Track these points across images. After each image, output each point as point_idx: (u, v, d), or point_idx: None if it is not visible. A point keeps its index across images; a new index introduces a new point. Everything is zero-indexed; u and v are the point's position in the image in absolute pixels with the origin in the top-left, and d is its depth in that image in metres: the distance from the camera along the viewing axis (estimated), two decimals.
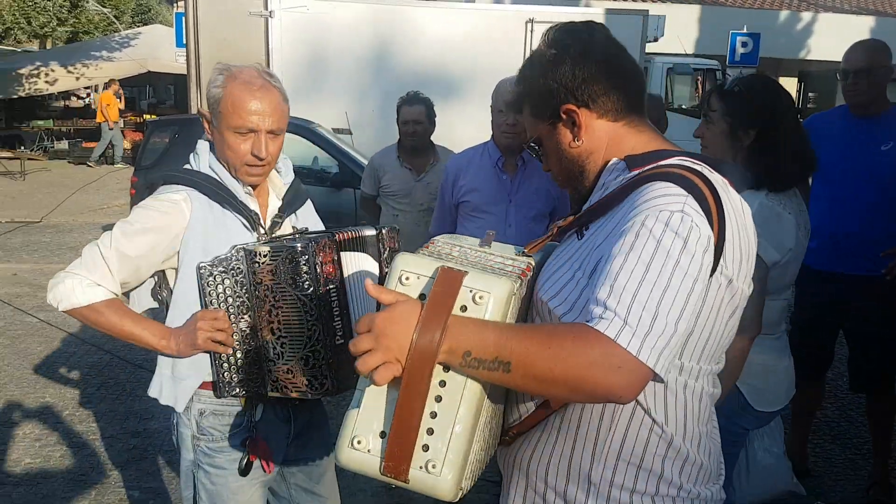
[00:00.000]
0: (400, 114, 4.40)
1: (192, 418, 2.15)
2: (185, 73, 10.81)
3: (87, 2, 29.58)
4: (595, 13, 11.78)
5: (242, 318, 2.06)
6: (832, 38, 17.57)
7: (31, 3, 27.32)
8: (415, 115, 4.34)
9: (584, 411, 1.39)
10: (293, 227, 2.26)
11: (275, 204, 2.23)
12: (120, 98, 18.36)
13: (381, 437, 1.27)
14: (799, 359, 3.92)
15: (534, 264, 1.48)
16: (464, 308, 1.26)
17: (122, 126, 18.83)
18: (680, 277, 1.21)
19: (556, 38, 1.49)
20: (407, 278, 1.30)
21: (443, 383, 1.26)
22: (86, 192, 14.03)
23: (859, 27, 17.95)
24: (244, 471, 2.13)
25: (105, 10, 29.62)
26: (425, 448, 1.26)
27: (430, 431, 1.26)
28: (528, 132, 1.57)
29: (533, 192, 3.38)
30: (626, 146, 1.46)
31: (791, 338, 3.98)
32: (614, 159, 1.46)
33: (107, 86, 18.42)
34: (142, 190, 7.82)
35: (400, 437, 1.23)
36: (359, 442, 1.28)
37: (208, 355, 2.09)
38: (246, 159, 2.04)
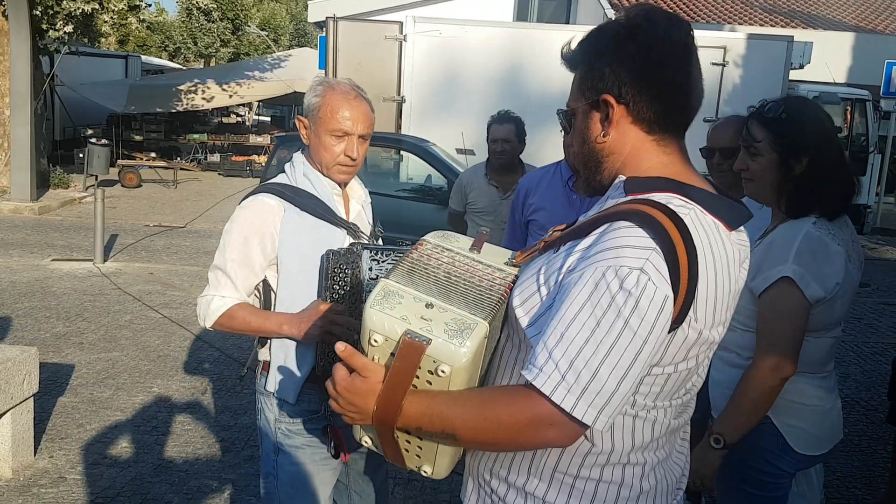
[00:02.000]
0: (490, 132, 4.46)
1: (274, 404, 2.36)
2: None
3: (249, 25, 31.50)
4: (737, 38, 11.41)
5: (355, 310, 2.22)
6: None
7: (197, 25, 29.46)
8: (504, 133, 4.38)
9: None
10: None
11: (356, 209, 2.48)
12: None
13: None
14: None
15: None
16: (429, 382, 1.34)
17: (269, 142, 19.87)
18: (628, 338, 1.21)
19: (634, 23, 1.39)
20: (376, 340, 1.36)
21: (417, 435, 1.40)
22: (230, 202, 14.87)
23: None
24: (335, 455, 2.32)
25: (263, 33, 31.42)
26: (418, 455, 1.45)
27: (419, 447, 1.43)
28: (569, 99, 1.51)
29: None
30: (643, 164, 1.42)
31: (891, 384, 3.75)
32: (621, 177, 1.42)
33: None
34: None
35: (389, 456, 1.47)
36: (365, 441, 1.51)
37: (313, 348, 2.28)
38: (339, 159, 2.31)
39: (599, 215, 1.34)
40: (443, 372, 1.31)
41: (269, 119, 26.16)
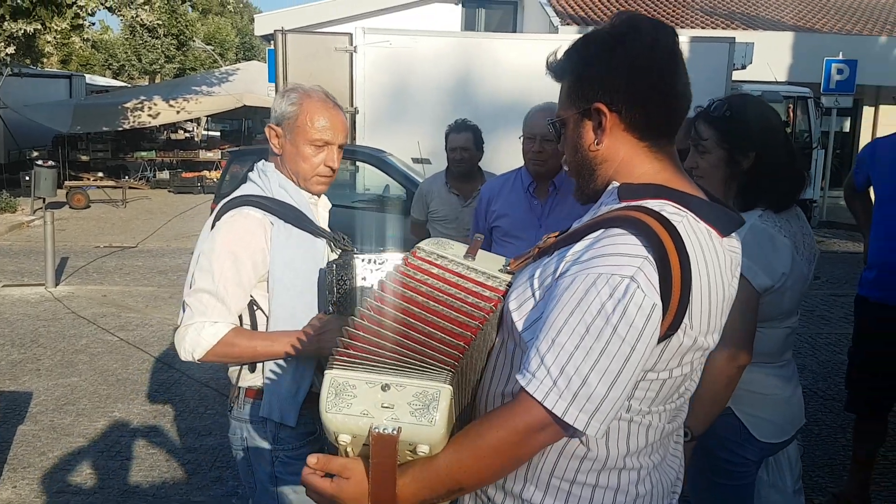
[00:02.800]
0: (448, 141, 4.48)
1: (269, 431, 2.20)
2: None
3: (194, 41, 31.14)
4: (679, 41, 11.54)
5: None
6: None
7: (141, 42, 29.03)
8: (462, 141, 4.41)
9: None
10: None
11: (324, 216, 2.38)
12: None
13: None
14: (856, 394, 3.80)
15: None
16: (411, 456, 1.30)
17: (219, 158, 19.68)
18: (616, 345, 1.22)
19: (620, 31, 1.40)
20: (344, 440, 1.30)
21: None
22: (181, 220, 14.69)
23: None
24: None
25: (209, 48, 31.09)
26: None
27: None
28: (559, 107, 1.50)
29: (564, 217, 3.37)
30: (636, 170, 1.42)
31: (847, 374, 3.86)
32: (615, 183, 1.42)
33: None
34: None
35: None
36: None
37: (311, 366, 2.16)
38: (319, 170, 2.23)
39: (593, 221, 1.34)
40: (423, 451, 1.29)
41: (218, 134, 25.90)
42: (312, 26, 16.93)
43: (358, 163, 8.62)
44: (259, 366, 2.18)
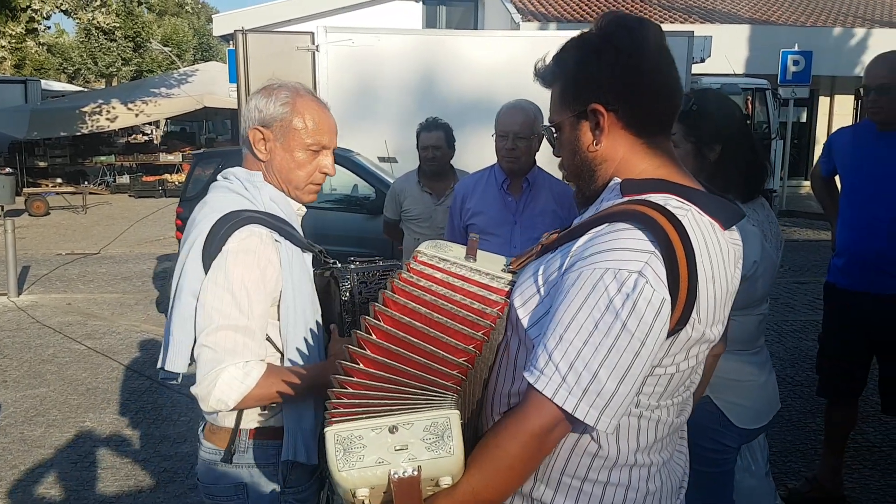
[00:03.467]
0: (419, 140, 4.48)
1: (279, 474, 1.98)
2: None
3: (150, 42, 30.71)
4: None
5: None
6: None
7: (97, 45, 28.55)
8: (433, 140, 4.41)
9: None
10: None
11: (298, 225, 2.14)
12: None
13: None
14: (827, 382, 3.87)
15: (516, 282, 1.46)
16: (434, 490, 1.29)
17: (180, 160, 19.46)
18: (626, 340, 1.22)
19: (609, 31, 1.41)
20: (363, 494, 1.25)
21: None
22: (143, 225, 14.49)
23: None
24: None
25: (167, 49, 30.70)
26: None
27: None
28: (551, 112, 1.50)
29: (538, 214, 3.40)
30: (637, 167, 1.42)
31: (818, 360, 3.93)
32: (616, 179, 1.43)
33: None
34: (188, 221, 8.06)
35: None
36: None
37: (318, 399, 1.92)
38: (314, 178, 2.02)
39: (597, 216, 1.34)
40: (446, 483, 1.28)
41: (178, 136, 25.58)
42: (272, 25, 16.80)
43: None
44: (274, 404, 1.93)
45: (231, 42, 16.56)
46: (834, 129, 18.36)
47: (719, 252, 1.35)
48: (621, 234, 1.27)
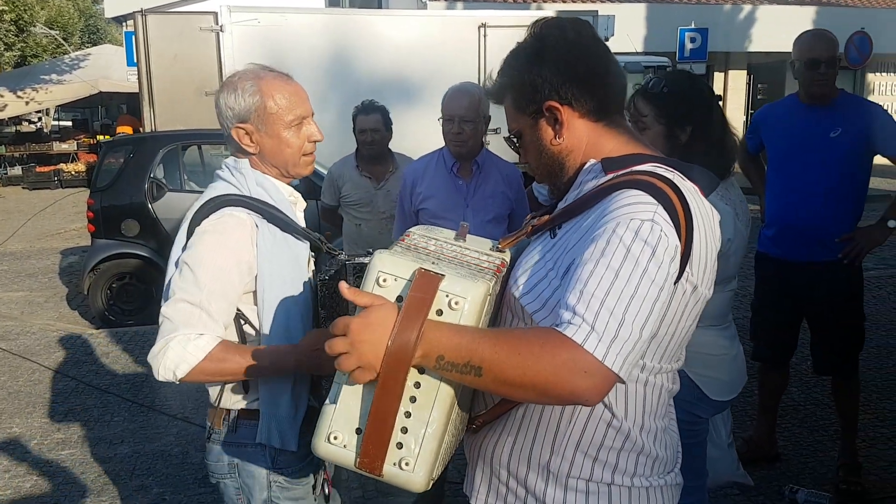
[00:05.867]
0: (356, 123, 4.42)
1: (267, 455, 2.03)
2: (138, 91, 10.74)
3: (35, 25, 29.08)
4: (546, 15, 11.80)
5: None
6: (777, 28, 17.93)
7: None
8: (371, 123, 4.37)
9: (546, 406, 1.44)
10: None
11: (300, 217, 2.18)
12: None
13: (357, 434, 1.31)
14: (761, 347, 4.06)
15: (508, 260, 1.52)
16: (440, 312, 1.29)
17: (75, 149, 18.60)
18: (647, 286, 1.26)
19: (544, 33, 1.50)
20: (384, 280, 1.31)
21: (417, 385, 1.30)
22: (42, 218, 13.82)
23: (802, 17, 18.32)
24: (323, 494, 2.15)
25: (53, 32, 29.16)
26: (399, 446, 1.30)
27: (405, 430, 1.30)
28: (509, 124, 1.57)
29: (489, 196, 3.43)
30: (605, 147, 1.49)
31: (752, 326, 4.11)
32: (592, 160, 1.48)
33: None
34: (99, 212, 7.73)
35: (375, 435, 1.28)
36: (335, 437, 1.32)
37: (307, 385, 2.04)
38: (305, 148, 2.06)
39: (594, 192, 1.41)
40: (456, 304, 1.28)
41: (70, 124, 24.39)
42: (170, 5, 16.17)
43: None
44: (252, 385, 2.00)
45: (126, 24, 15.87)
46: (729, 103, 19.11)
47: (707, 213, 1.44)
48: (625, 197, 1.33)
